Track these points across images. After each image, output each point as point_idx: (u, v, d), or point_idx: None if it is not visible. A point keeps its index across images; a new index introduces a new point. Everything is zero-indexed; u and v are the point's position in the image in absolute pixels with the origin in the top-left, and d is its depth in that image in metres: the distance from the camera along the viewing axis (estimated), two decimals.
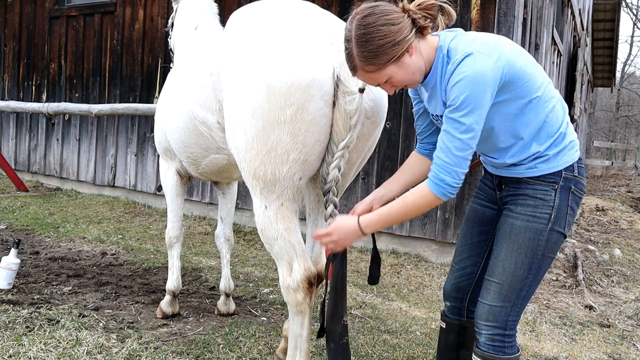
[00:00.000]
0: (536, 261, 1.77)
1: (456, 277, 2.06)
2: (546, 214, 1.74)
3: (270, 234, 2.04)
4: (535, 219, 1.75)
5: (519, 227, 1.77)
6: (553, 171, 1.75)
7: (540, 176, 1.76)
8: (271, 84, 1.86)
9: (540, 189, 1.76)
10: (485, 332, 1.83)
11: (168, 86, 2.88)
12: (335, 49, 1.91)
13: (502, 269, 1.79)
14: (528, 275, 1.78)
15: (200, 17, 3.18)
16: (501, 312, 1.80)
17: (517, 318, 1.83)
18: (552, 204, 1.74)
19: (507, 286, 1.78)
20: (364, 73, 1.67)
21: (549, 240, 1.76)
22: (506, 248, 1.79)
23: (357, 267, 4.51)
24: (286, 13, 2.02)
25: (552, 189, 1.75)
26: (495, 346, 1.82)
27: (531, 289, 1.81)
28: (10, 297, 3.20)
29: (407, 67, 1.66)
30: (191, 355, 2.61)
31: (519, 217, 1.78)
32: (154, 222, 5.85)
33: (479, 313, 1.85)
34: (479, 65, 1.60)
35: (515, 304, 1.80)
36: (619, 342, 3.45)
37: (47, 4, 7.70)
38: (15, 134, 8.17)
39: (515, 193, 1.81)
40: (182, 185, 3.05)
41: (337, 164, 1.94)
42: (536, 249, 1.76)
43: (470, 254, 2.02)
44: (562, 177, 1.75)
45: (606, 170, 17.03)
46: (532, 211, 1.76)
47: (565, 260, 5.35)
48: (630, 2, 26.31)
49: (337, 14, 5.03)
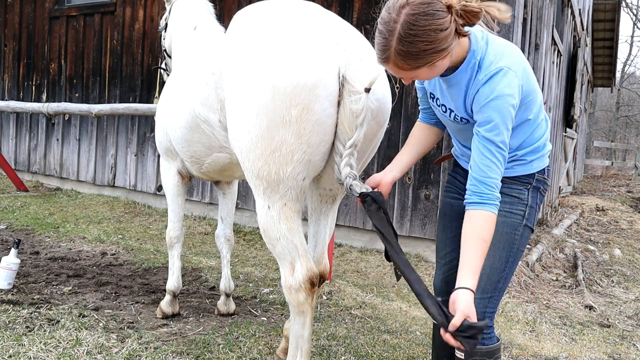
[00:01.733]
0: (512, 254, 1.87)
1: (444, 271, 2.11)
2: (521, 211, 1.86)
3: (273, 234, 2.03)
4: (511, 214, 1.85)
5: (497, 222, 1.81)
6: (528, 173, 1.87)
7: (516, 176, 1.87)
8: (276, 85, 1.86)
9: (515, 188, 1.87)
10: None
11: (169, 86, 2.88)
12: (341, 49, 1.91)
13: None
14: (505, 268, 1.87)
15: (198, 17, 3.18)
16: (479, 304, 1.82)
17: (494, 309, 1.89)
18: (525, 202, 1.87)
19: (485, 279, 1.84)
20: (394, 67, 1.63)
21: (523, 235, 1.87)
22: None
23: (357, 267, 4.51)
24: (290, 13, 2.01)
25: (526, 189, 1.87)
26: None
27: (507, 281, 1.90)
28: (10, 297, 3.20)
29: (437, 69, 1.66)
30: (191, 355, 2.61)
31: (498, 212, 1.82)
32: (154, 222, 5.85)
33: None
34: (509, 82, 1.66)
35: (492, 295, 1.87)
36: (619, 342, 3.45)
37: (47, 4, 7.69)
38: (15, 134, 8.17)
39: None
40: (183, 185, 3.05)
41: (347, 161, 1.94)
42: (512, 243, 1.86)
43: (453, 247, 2.05)
44: (535, 179, 1.88)
45: (606, 170, 17.02)
46: (508, 207, 1.85)
47: (565, 260, 5.35)
48: (630, 2, 26.32)
49: (337, 13, 5.03)
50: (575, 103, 8.95)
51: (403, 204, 4.88)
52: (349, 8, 5.13)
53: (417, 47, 1.55)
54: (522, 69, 1.71)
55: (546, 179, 1.91)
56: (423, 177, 4.80)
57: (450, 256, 2.07)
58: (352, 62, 1.90)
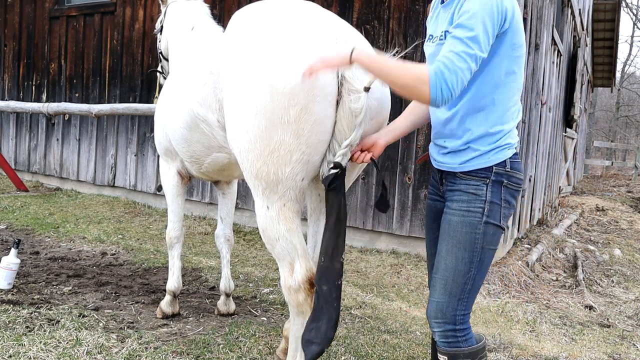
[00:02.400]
0: (476, 254, 1.81)
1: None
2: (479, 208, 1.80)
3: (272, 234, 2.03)
4: (469, 213, 1.81)
5: (455, 222, 1.82)
6: (484, 167, 1.81)
7: (472, 171, 1.82)
8: (275, 85, 1.85)
9: (472, 184, 1.82)
10: (437, 329, 1.86)
11: (168, 86, 2.88)
12: (340, 48, 1.90)
13: (445, 264, 1.84)
14: (470, 269, 1.82)
15: (196, 18, 3.18)
16: (448, 307, 1.82)
17: (466, 312, 1.85)
18: (484, 198, 1.80)
19: (450, 281, 1.82)
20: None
21: (486, 233, 1.81)
22: (446, 244, 1.84)
23: (357, 267, 4.51)
24: (289, 13, 2.01)
25: (484, 184, 1.81)
26: (449, 342, 1.84)
27: (476, 282, 1.85)
28: (10, 297, 3.20)
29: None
30: (191, 355, 2.61)
31: (455, 212, 1.83)
32: (154, 222, 5.85)
33: (429, 311, 1.88)
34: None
35: (461, 298, 1.83)
36: (619, 342, 3.45)
37: (47, 4, 7.69)
38: (15, 134, 8.17)
39: (452, 188, 1.87)
40: (182, 185, 3.05)
41: (337, 163, 1.94)
42: (474, 243, 1.81)
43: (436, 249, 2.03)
44: (493, 172, 1.81)
45: (606, 170, 17.02)
46: (466, 206, 1.82)
47: (565, 260, 5.35)
48: (630, 2, 26.32)
49: (337, 13, 5.03)
50: (575, 103, 8.95)
51: (403, 204, 4.88)
52: (349, 8, 5.13)
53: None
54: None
55: (510, 171, 1.82)
56: (423, 177, 4.80)
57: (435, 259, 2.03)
58: None
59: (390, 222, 4.94)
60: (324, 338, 1.87)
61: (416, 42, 4.08)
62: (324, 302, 1.88)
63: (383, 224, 4.99)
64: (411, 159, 4.86)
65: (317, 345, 1.85)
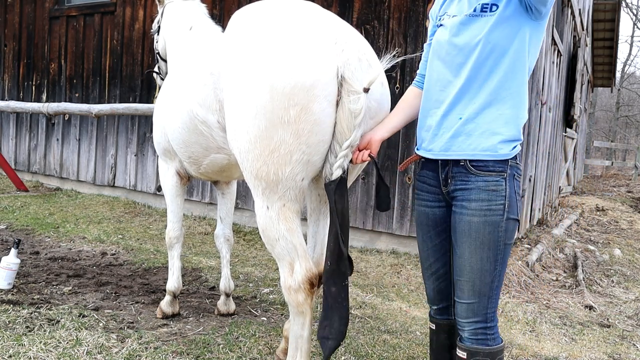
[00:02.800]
0: (500, 252, 1.80)
1: (432, 281, 2.05)
2: (500, 205, 1.76)
3: (272, 234, 2.03)
4: (491, 212, 1.76)
5: (477, 223, 1.78)
6: (503, 159, 1.76)
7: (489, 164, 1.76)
8: (274, 85, 1.85)
9: (491, 180, 1.76)
10: (467, 328, 1.85)
11: (166, 86, 2.88)
12: (339, 48, 1.90)
13: (470, 267, 1.81)
14: (496, 267, 1.81)
15: (194, 18, 3.18)
16: (479, 306, 1.83)
17: (494, 309, 1.86)
18: (504, 194, 1.76)
19: (478, 282, 1.81)
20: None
21: (507, 229, 1.78)
22: (469, 246, 1.80)
23: (357, 267, 4.51)
24: (288, 13, 2.01)
25: (502, 178, 1.76)
26: (478, 339, 1.84)
27: (501, 278, 1.84)
28: (10, 297, 3.20)
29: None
30: (191, 355, 2.61)
31: (475, 213, 1.78)
32: (154, 222, 5.85)
33: (459, 312, 1.87)
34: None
35: (490, 295, 1.83)
36: (619, 342, 3.45)
37: (47, 4, 7.69)
38: (15, 134, 8.17)
39: (466, 187, 1.80)
40: (182, 185, 3.05)
41: (340, 163, 1.94)
42: (498, 241, 1.78)
43: (436, 256, 2.01)
44: (509, 166, 1.77)
45: (606, 170, 17.02)
46: (487, 205, 1.76)
47: (565, 260, 5.35)
48: (630, 2, 26.31)
49: (337, 13, 5.03)
50: (575, 103, 8.94)
51: (403, 204, 4.88)
52: (349, 8, 5.13)
53: None
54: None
55: (519, 163, 1.81)
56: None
57: (435, 266, 2.01)
58: (351, 62, 1.89)
59: (390, 222, 4.94)
60: (338, 333, 1.96)
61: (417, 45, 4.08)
62: (333, 302, 1.97)
63: (383, 224, 4.99)
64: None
65: (333, 340, 1.96)
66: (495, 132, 1.76)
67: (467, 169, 1.79)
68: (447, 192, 1.88)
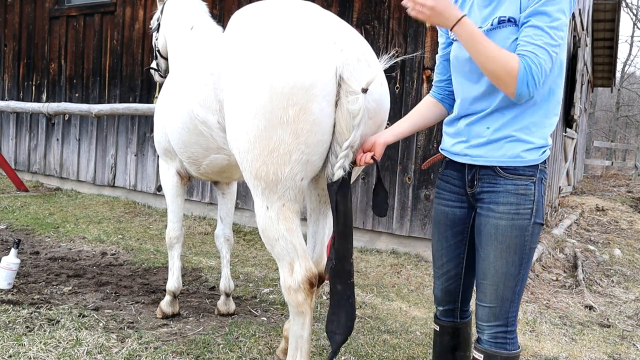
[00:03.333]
0: (525, 256, 1.78)
1: (442, 281, 2.03)
2: (528, 209, 1.74)
3: (272, 234, 2.03)
4: (519, 216, 1.74)
5: (504, 226, 1.75)
6: (533, 164, 1.73)
7: (519, 168, 1.73)
8: (273, 85, 1.85)
9: (521, 184, 1.73)
10: (488, 331, 1.84)
11: (167, 86, 2.88)
12: (338, 48, 1.90)
13: (495, 270, 1.79)
14: (520, 271, 1.79)
15: (195, 17, 3.17)
16: (501, 310, 1.81)
17: (516, 313, 1.85)
18: (532, 198, 1.74)
19: (502, 286, 1.79)
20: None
21: (534, 233, 1.76)
22: (494, 249, 1.78)
23: (357, 267, 4.52)
24: (288, 13, 2.01)
25: (532, 182, 1.74)
26: (497, 343, 1.83)
27: (524, 282, 1.83)
28: (10, 297, 3.20)
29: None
30: (191, 355, 2.61)
31: (503, 216, 1.75)
32: (154, 222, 5.85)
33: (480, 315, 1.85)
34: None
35: (513, 300, 1.81)
36: (619, 342, 3.45)
37: (47, 4, 7.69)
38: (15, 134, 8.17)
39: (494, 190, 1.77)
40: (182, 185, 3.05)
41: (341, 164, 1.94)
42: (524, 245, 1.76)
43: (449, 256, 1.99)
44: (539, 170, 1.75)
45: (606, 170, 17.02)
46: (515, 209, 1.74)
47: (565, 260, 5.35)
48: (630, 2, 26.31)
49: (337, 13, 5.03)
50: (575, 103, 8.94)
51: (403, 204, 4.88)
52: (349, 8, 5.13)
53: None
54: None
55: (546, 167, 1.78)
56: (423, 177, 4.80)
57: (448, 266, 1.99)
58: (350, 62, 1.89)
59: (390, 222, 4.94)
60: (345, 328, 2.01)
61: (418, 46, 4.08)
62: (339, 299, 2.01)
63: (383, 224, 4.99)
64: (411, 159, 4.86)
65: (340, 335, 2.01)
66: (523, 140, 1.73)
67: (496, 172, 1.76)
68: (472, 193, 1.85)
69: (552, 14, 1.59)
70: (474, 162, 1.80)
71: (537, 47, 1.58)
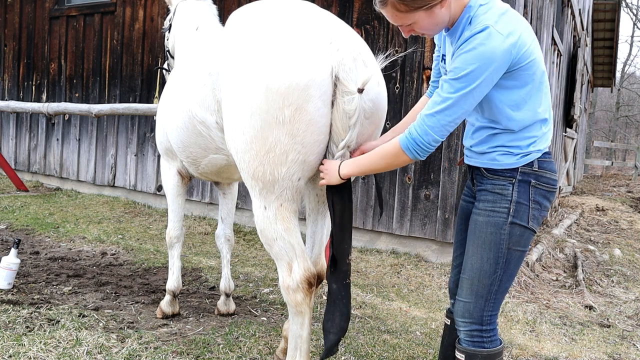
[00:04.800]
0: (502, 255, 1.79)
1: (455, 274, 2.11)
2: (504, 208, 1.78)
3: (270, 234, 2.04)
4: (494, 213, 1.79)
5: (480, 222, 1.81)
6: (510, 167, 1.78)
7: (498, 170, 1.80)
8: (269, 85, 1.86)
9: (498, 184, 1.80)
10: (463, 328, 1.86)
11: (169, 86, 2.88)
12: (334, 48, 1.90)
13: (471, 265, 1.83)
14: (496, 270, 1.80)
15: (201, 18, 3.19)
16: (475, 307, 1.83)
17: (493, 313, 1.85)
18: (509, 198, 1.78)
19: (476, 282, 1.82)
20: (392, 10, 1.71)
21: (512, 234, 1.78)
22: (472, 244, 1.83)
23: (357, 267, 4.51)
24: (285, 13, 2.01)
25: (510, 183, 1.78)
26: (474, 342, 1.85)
27: (503, 284, 1.83)
28: (10, 297, 3.20)
29: (435, 18, 1.70)
30: (191, 355, 2.61)
31: (481, 212, 1.82)
32: (154, 222, 5.85)
33: (456, 310, 1.89)
34: (491, 44, 1.60)
35: (488, 299, 1.82)
36: (619, 342, 3.45)
37: (47, 4, 7.70)
38: (15, 134, 8.17)
39: (480, 188, 1.86)
40: (183, 185, 3.05)
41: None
42: (499, 243, 1.78)
43: (462, 249, 2.04)
44: (520, 172, 1.78)
45: (606, 170, 17.03)
46: (491, 206, 1.80)
47: (565, 260, 5.35)
48: (630, 2, 26.31)
49: (337, 14, 5.03)
50: (575, 103, 8.95)
51: (403, 204, 4.88)
52: (348, 8, 5.13)
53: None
54: (517, 37, 1.63)
55: (537, 170, 1.79)
56: (423, 177, 4.80)
57: (460, 259, 2.05)
58: (346, 62, 1.89)
59: (390, 222, 4.94)
60: (339, 329, 2.03)
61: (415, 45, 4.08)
62: (335, 299, 2.02)
63: (383, 224, 4.99)
64: None
65: (334, 334, 2.02)
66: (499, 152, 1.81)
67: (481, 172, 1.85)
68: (474, 192, 1.95)
69: (460, 77, 1.63)
70: (468, 162, 1.93)
71: (431, 114, 1.68)
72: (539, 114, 1.78)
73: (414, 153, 1.72)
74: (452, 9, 1.72)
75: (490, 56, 1.60)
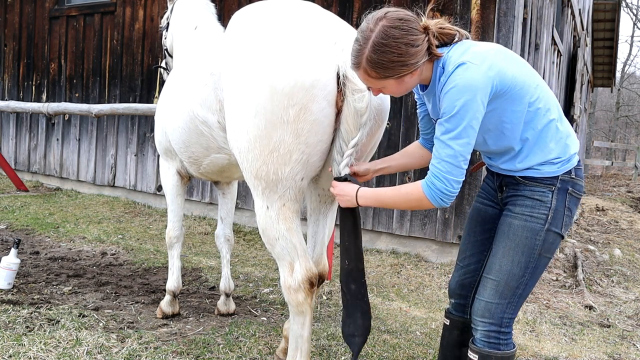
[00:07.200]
0: (533, 260, 1.81)
1: (460, 274, 2.11)
2: (543, 214, 1.79)
3: (272, 234, 2.04)
4: (532, 218, 1.80)
5: (516, 226, 1.81)
6: (551, 175, 1.80)
7: (538, 178, 1.80)
8: (274, 85, 1.86)
9: (537, 190, 1.80)
10: (480, 328, 1.86)
11: (168, 86, 2.88)
12: (339, 48, 1.91)
13: (499, 266, 1.84)
14: (524, 274, 1.82)
15: (199, 17, 3.19)
16: (497, 309, 1.83)
17: (512, 316, 1.86)
18: (549, 205, 1.79)
19: (503, 283, 1.82)
20: (363, 73, 1.72)
21: (546, 240, 1.80)
22: (504, 246, 1.84)
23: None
24: (289, 13, 2.01)
25: (550, 191, 1.79)
26: (490, 342, 1.85)
27: (527, 288, 1.85)
28: (10, 297, 3.20)
29: (404, 85, 1.75)
30: (191, 355, 2.61)
31: (517, 216, 1.82)
32: (154, 222, 5.85)
33: (475, 309, 1.89)
34: (469, 74, 1.65)
35: (511, 301, 1.84)
36: (619, 342, 3.45)
37: (47, 4, 7.69)
38: (15, 134, 8.17)
39: (515, 194, 1.86)
40: (182, 185, 3.05)
41: (347, 162, 1.96)
42: (533, 249, 1.80)
43: (473, 251, 2.07)
44: (559, 180, 1.80)
45: (606, 170, 17.03)
46: (529, 211, 1.80)
47: (565, 260, 5.35)
48: (630, 2, 26.31)
49: (337, 13, 5.03)
50: (575, 103, 8.95)
51: None
52: (349, 8, 5.13)
53: (387, 57, 1.65)
54: (490, 62, 1.67)
55: (574, 178, 1.82)
56: (423, 177, 4.79)
57: (469, 260, 2.07)
58: None
59: (390, 222, 4.94)
60: (363, 329, 2.01)
61: None
62: (353, 299, 2.02)
63: (383, 224, 4.99)
64: None
65: (360, 337, 2.01)
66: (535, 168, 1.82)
67: (517, 180, 1.85)
68: (501, 198, 1.95)
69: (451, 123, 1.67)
70: (499, 171, 1.92)
71: (439, 160, 1.71)
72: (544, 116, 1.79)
73: (439, 201, 1.74)
74: (423, 74, 1.77)
75: (472, 85, 1.64)
